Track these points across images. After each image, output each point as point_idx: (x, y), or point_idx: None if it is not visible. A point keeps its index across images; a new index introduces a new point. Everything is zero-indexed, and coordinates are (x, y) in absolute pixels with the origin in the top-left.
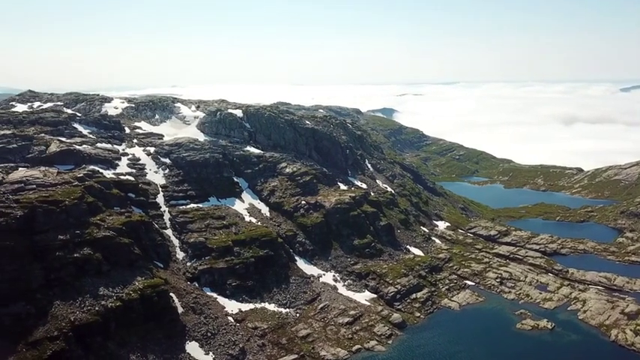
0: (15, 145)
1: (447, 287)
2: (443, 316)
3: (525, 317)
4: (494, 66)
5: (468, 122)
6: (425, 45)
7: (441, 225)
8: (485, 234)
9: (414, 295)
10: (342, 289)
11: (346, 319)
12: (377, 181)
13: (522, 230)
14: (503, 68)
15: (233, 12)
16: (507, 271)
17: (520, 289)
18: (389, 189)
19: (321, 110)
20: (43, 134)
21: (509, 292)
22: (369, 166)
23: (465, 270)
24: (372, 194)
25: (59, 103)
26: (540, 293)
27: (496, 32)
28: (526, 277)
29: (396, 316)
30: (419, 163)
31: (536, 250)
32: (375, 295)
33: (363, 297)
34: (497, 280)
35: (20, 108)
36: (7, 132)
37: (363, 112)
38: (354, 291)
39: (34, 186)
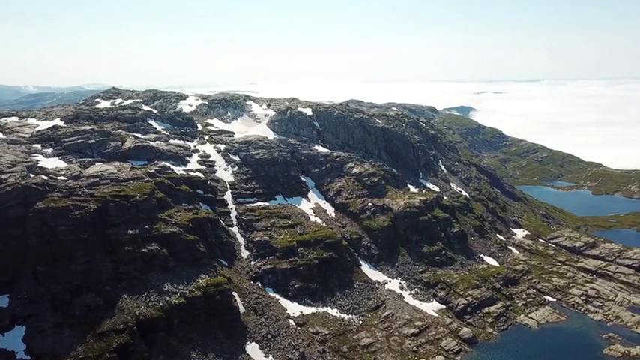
0: (93, 141)
1: (523, 302)
2: (518, 333)
3: (614, 342)
4: (583, 62)
5: (552, 122)
6: (507, 41)
7: (520, 233)
8: (570, 245)
9: (486, 309)
10: (408, 298)
11: (412, 330)
12: (450, 184)
13: (612, 242)
14: (593, 64)
15: (310, 8)
16: (594, 288)
17: (609, 310)
18: (463, 193)
19: (394, 108)
20: (120, 130)
21: (596, 312)
22: (442, 167)
23: (545, 284)
24: (445, 198)
25: (138, 99)
26: (633, 315)
27: (585, 26)
28: (616, 295)
29: (466, 331)
30: (497, 165)
31: (628, 266)
32: (444, 306)
33: (431, 307)
34: (582, 297)
35: (103, 104)
36: (88, 128)
37: (439, 110)
38: (421, 300)
39: (108, 181)
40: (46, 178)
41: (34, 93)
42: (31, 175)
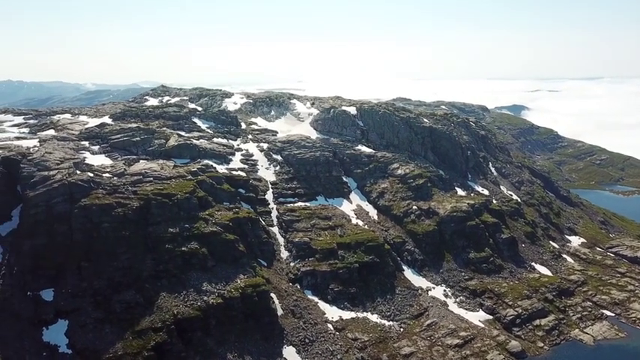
0: (138, 138)
1: (578, 316)
2: (571, 349)
3: None
4: None
5: (612, 123)
6: (565, 37)
7: (575, 241)
8: (631, 255)
9: (537, 322)
10: (452, 306)
11: (456, 341)
12: (501, 187)
13: None
14: None
15: (366, 7)
16: None
17: None
18: (514, 197)
19: (443, 107)
20: (165, 128)
21: None
22: (492, 169)
23: (603, 297)
24: (494, 202)
25: (185, 97)
26: None
27: None
28: None
29: (515, 344)
30: (551, 167)
31: None
32: (491, 317)
33: (477, 317)
34: None
35: (151, 102)
36: (133, 125)
37: (490, 109)
38: (466, 309)
39: (151, 178)
40: (91, 174)
41: (92, 90)
42: (78, 172)
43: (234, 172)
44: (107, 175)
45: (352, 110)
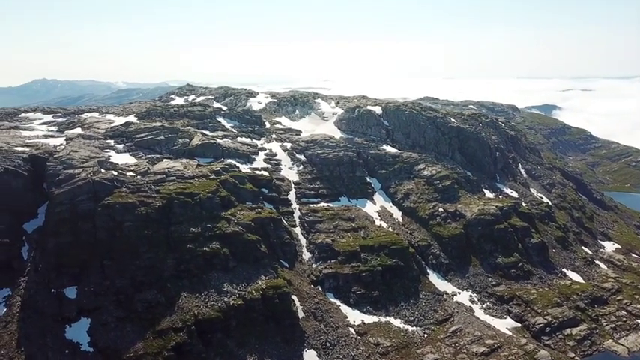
0: (162, 137)
1: (612, 325)
2: None
3: None
4: None
5: None
6: (596, 34)
7: (609, 246)
8: None
9: (568, 331)
10: (479, 312)
11: (481, 349)
12: (531, 189)
13: None
14: None
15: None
16: None
17: None
18: (545, 200)
19: (472, 106)
20: (189, 127)
21: None
22: (522, 171)
23: (639, 306)
24: (524, 205)
25: (210, 96)
26: None
27: None
28: None
29: (544, 354)
30: (584, 169)
31: None
32: (519, 325)
33: (504, 324)
34: None
35: (177, 101)
36: (158, 124)
37: (520, 108)
38: (493, 316)
39: (174, 177)
40: (115, 173)
41: (123, 89)
42: (102, 171)
43: (257, 172)
44: (131, 173)
45: (377, 110)
